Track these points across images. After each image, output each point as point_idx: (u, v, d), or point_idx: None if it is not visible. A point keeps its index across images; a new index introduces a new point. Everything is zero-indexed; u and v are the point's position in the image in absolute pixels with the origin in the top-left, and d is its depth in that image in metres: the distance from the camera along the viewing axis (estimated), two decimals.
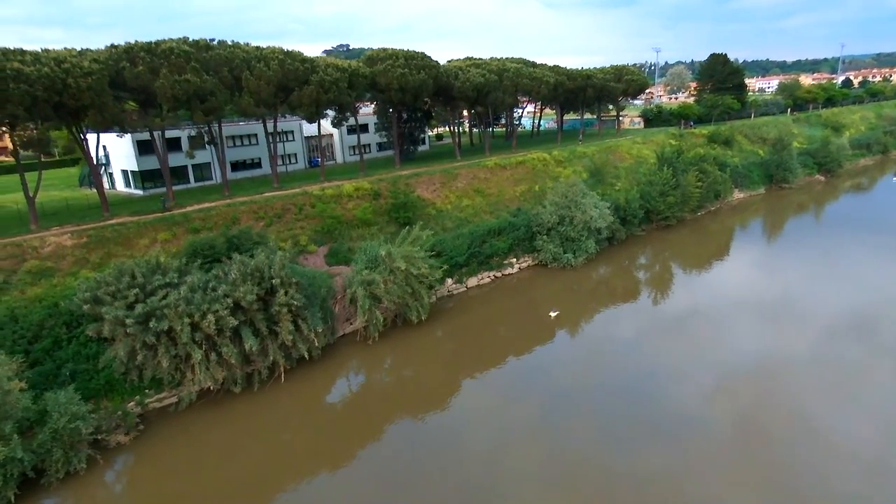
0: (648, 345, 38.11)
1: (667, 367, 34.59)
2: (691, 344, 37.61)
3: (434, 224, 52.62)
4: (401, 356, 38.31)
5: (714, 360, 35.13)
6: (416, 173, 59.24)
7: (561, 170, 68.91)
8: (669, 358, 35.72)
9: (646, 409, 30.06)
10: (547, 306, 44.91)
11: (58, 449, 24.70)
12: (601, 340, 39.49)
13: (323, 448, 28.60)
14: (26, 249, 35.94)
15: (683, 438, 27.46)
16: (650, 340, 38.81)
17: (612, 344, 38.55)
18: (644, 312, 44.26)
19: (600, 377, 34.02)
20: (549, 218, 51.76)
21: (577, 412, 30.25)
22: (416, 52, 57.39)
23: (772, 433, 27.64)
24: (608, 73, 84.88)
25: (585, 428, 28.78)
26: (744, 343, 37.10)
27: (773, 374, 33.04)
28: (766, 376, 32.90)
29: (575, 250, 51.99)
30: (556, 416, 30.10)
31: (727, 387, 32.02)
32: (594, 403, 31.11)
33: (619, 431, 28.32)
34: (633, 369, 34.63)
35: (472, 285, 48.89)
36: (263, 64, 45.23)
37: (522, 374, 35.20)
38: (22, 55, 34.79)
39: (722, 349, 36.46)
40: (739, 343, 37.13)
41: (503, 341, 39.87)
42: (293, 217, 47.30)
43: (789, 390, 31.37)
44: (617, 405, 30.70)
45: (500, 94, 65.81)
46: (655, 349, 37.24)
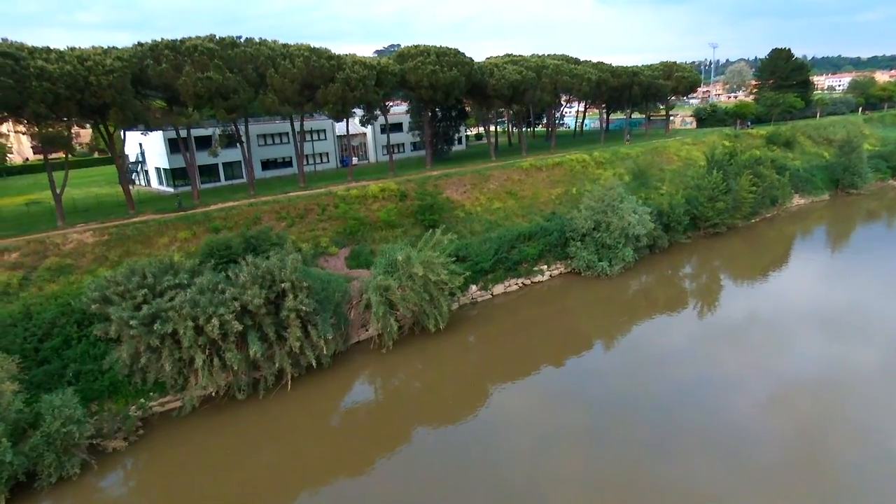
0: (696, 355, 35.58)
1: (717, 378, 32.36)
2: (745, 355, 34.73)
3: (462, 227, 50.54)
4: (417, 366, 36.43)
5: (771, 372, 32.52)
6: (447, 174, 57.26)
7: (601, 172, 65.30)
8: (720, 369, 33.31)
9: (695, 420, 28.15)
10: (581, 316, 42.30)
11: (50, 453, 24.15)
12: (642, 351, 36.69)
13: (330, 460, 27.16)
14: (48, 246, 36.26)
15: (736, 451, 25.47)
16: (698, 351, 36.18)
17: (655, 354, 35.81)
18: (690, 323, 41.14)
19: (644, 387, 31.70)
20: (583, 223, 48.64)
21: (620, 422, 28.44)
22: (449, 49, 55.38)
23: (837, 452, 24.95)
24: (657, 69, 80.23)
25: (629, 439, 26.90)
26: (805, 356, 34.07)
27: (840, 389, 30.02)
28: (831, 391, 30.04)
29: (611, 258, 48.64)
30: (596, 427, 28.27)
31: (786, 400, 29.45)
32: (638, 413, 29.08)
33: (666, 441, 26.51)
34: (680, 380, 32.43)
35: (498, 293, 46.45)
36: (288, 61, 44.38)
37: (555, 385, 33.10)
38: (47, 53, 35.07)
39: (780, 362, 33.65)
40: (800, 356, 34.09)
41: (532, 352, 37.29)
42: (316, 218, 46.26)
43: (858, 407, 28.15)
44: (664, 415, 28.72)
45: (538, 92, 62.93)
46: (704, 360, 34.78)
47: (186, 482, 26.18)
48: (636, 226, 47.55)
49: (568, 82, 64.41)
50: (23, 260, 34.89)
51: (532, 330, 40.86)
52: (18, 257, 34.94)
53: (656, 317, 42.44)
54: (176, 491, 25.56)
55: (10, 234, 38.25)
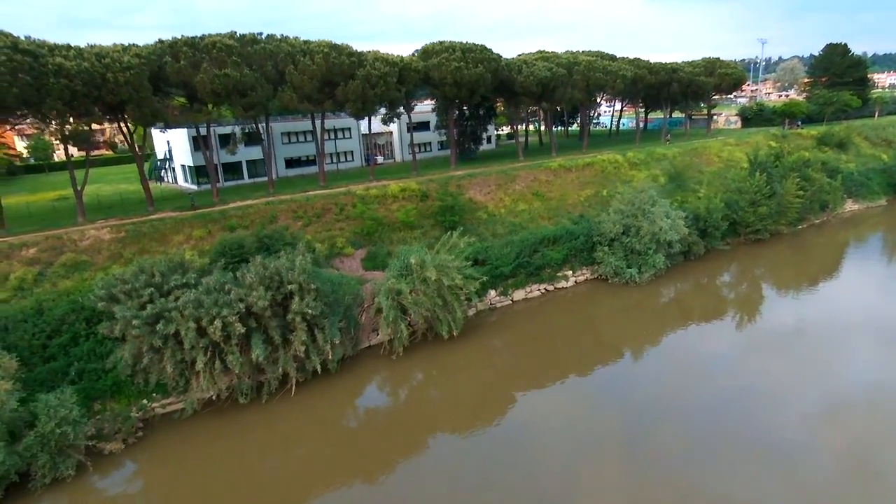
0: (737, 365, 33.54)
1: (762, 388, 30.50)
2: (792, 366, 32.72)
3: (484, 229, 48.78)
4: (429, 374, 35.04)
5: (822, 383, 30.88)
6: (471, 174, 55.59)
7: (635, 173, 62.30)
8: (765, 379, 31.53)
9: (738, 431, 26.63)
10: (608, 324, 40.43)
11: (44, 454, 23.83)
12: (677, 360, 34.62)
13: (333, 468, 26.11)
14: (66, 242, 36.52)
15: (783, 463, 24.16)
16: (739, 361, 34.03)
17: (692, 364, 33.92)
18: (729, 333, 38.63)
19: (681, 397, 30.19)
20: (611, 227, 46.10)
21: (657, 431, 27.04)
22: (475, 45, 53.65)
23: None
24: (698, 66, 76.27)
25: (668, 450, 25.63)
26: (859, 368, 31.77)
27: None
28: (889, 404, 27.89)
29: (640, 265, 45.94)
30: (630, 437, 26.86)
31: (839, 412, 27.76)
32: (677, 424, 27.65)
33: (708, 453, 25.31)
34: (720, 389, 30.87)
35: (518, 298, 44.49)
36: (308, 58, 43.63)
37: (582, 394, 31.46)
38: (67, 50, 35.25)
39: (832, 373, 31.77)
40: (853, 368, 31.85)
41: (556, 360, 35.45)
42: (333, 217, 45.39)
43: None
44: (704, 426, 27.32)
45: (569, 89, 60.46)
46: (746, 370, 32.79)
47: (183, 486, 25.53)
48: (668, 231, 44.71)
49: (601, 79, 61.65)
50: (40, 255, 35.20)
51: (556, 337, 38.90)
52: (36, 253, 35.28)
53: (691, 326, 40.00)
54: (172, 495, 24.95)
55: (32, 229, 38.85)
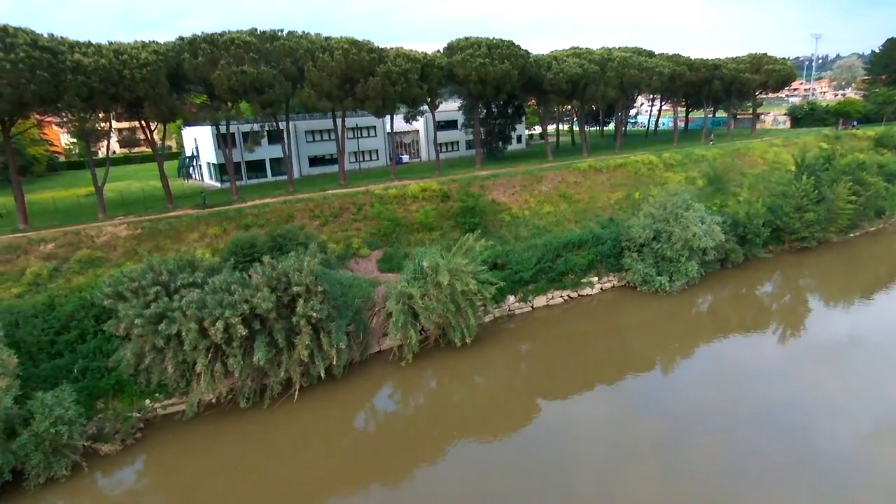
0: (779, 379, 31.62)
1: (809, 402, 29.15)
2: (843, 380, 31.00)
3: (506, 232, 46.99)
4: (441, 381, 33.65)
5: (879, 398, 28.90)
6: (495, 174, 53.81)
7: (670, 175, 59.19)
8: (811, 394, 30.20)
9: (783, 445, 25.33)
10: (636, 334, 38.27)
11: (38, 453, 23.53)
12: (713, 373, 32.74)
13: (334, 478, 25.14)
14: (83, 238, 36.75)
15: (834, 479, 23.06)
16: (782, 375, 32.08)
17: (729, 376, 32.01)
18: (771, 345, 36.18)
19: (719, 409, 28.63)
20: (640, 232, 43.48)
21: (694, 444, 25.88)
22: (502, 41, 51.82)
23: None
24: (743, 62, 72.03)
25: (707, 466, 24.29)
26: None
27: None
28: None
29: (671, 273, 43.16)
30: (663, 452, 25.49)
31: None
32: (714, 438, 26.20)
33: (751, 468, 23.90)
34: (762, 402, 28.97)
35: (539, 305, 42.46)
36: (327, 54, 42.80)
37: (608, 405, 29.74)
38: (86, 47, 35.40)
39: (890, 388, 29.59)
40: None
41: (579, 370, 33.52)
42: (350, 217, 44.48)
43: None
44: (745, 439, 25.89)
45: (601, 86, 57.88)
46: (790, 384, 31.15)
47: (178, 490, 24.94)
48: (702, 237, 41.78)
49: (636, 76, 58.74)
50: (57, 251, 35.50)
51: (580, 346, 36.86)
52: (53, 248, 35.60)
53: (729, 337, 37.28)
54: (166, 499, 24.37)
55: (53, 224, 39.35)
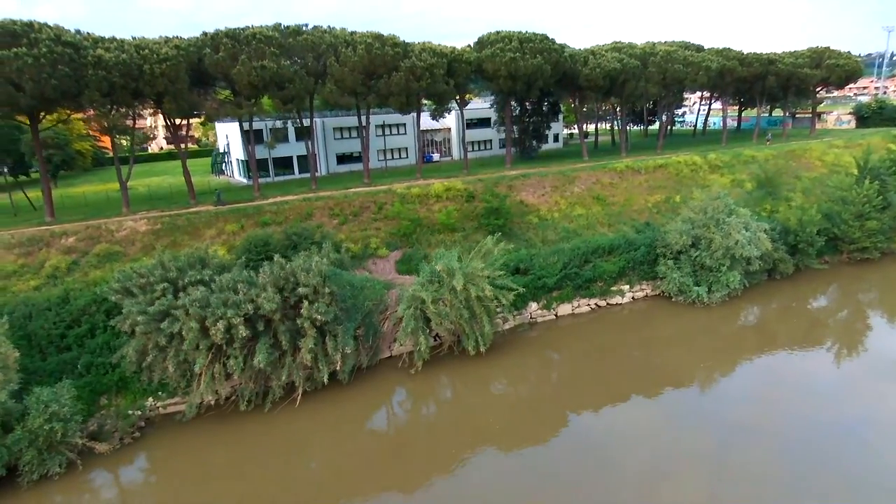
0: (835, 400, 29.19)
1: (871, 426, 26.36)
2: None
3: (533, 235, 44.76)
4: (454, 392, 32.22)
5: None
6: (525, 174, 51.55)
7: (716, 177, 55.24)
8: (875, 417, 27.02)
9: (842, 467, 23.53)
10: (670, 348, 35.42)
11: (32, 450, 23.30)
12: (754, 392, 30.33)
13: (329, 490, 23.99)
14: (103, 232, 37.03)
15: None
16: (838, 396, 29.54)
17: (773, 396, 29.52)
18: (825, 366, 32.96)
19: (762, 429, 26.38)
20: (676, 238, 40.35)
21: (735, 465, 24.30)
22: (535, 34, 49.47)
23: None
24: (802, 56, 66.71)
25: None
26: None
27: None
28: None
29: (711, 283, 39.83)
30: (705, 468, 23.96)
31: None
32: (762, 459, 24.40)
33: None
34: (815, 419, 27.08)
35: (563, 313, 40.05)
36: (350, 49, 41.75)
37: (641, 421, 27.76)
38: (109, 42, 35.58)
39: None
40: None
41: (606, 383, 31.29)
42: (370, 216, 43.32)
43: None
44: (795, 462, 24.05)
45: (641, 82, 54.62)
46: (847, 406, 28.30)
47: (171, 492, 24.42)
48: (746, 245, 38.31)
49: (680, 72, 55.09)
50: (77, 244, 35.86)
51: (608, 358, 34.47)
52: (74, 242, 35.98)
53: (776, 354, 34.24)
54: (157, 501, 23.87)
55: (78, 218, 39.94)
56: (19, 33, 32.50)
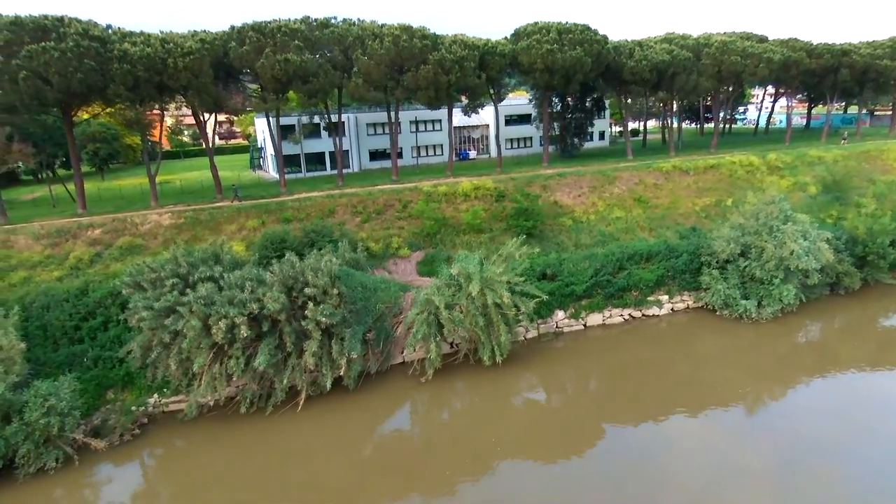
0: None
1: None
2: None
3: (565, 238, 42.13)
4: (469, 403, 30.21)
5: None
6: (561, 173, 48.80)
7: (776, 179, 50.51)
8: None
9: None
10: (713, 366, 32.15)
11: (28, 443, 23.22)
12: (813, 418, 26.80)
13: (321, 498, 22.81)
14: (128, 225, 37.39)
15: None
16: None
17: (837, 423, 26.07)
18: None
19: (828, 451, 23.99)
20: (723, 246, 36.68)
21: None
22: (576, 25, 46.56)
23: None
24: (881, 46, 60.14)
25: None
26: None
27: None
28: None
29: (761, 296, 35.97)
30: None
31: None
32: None
33: None
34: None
35: (593, 323, 37.24)
36: (377, 41, 40.43)
37: (680, 444, 25.19)
38: (137, 37, 35.75)
39: None
40: None
41: (640, 402, 28.60)
42: (394, 215, 41.96)
43: None
44: None
45: (693, 75, 50.55)
46: None
47: (166, 493, 23.92)
48: (803, 256, 34.25)
49: (737, 64, 50.56)
50: (102, 237, 36.34)
51: (644, 372, 31.69)
52: (100, 234, 36.48)
53: (839, 377, 30.59)
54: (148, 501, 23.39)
55: (109, 211, 40.65)
56: (49, 28, 33.05)
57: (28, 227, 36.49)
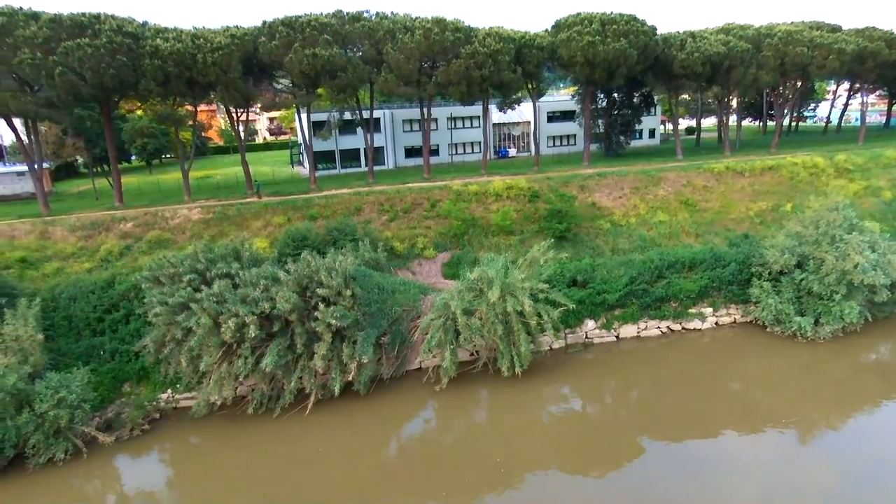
0: None
1: None
2: None
3: (601, 242, 39.68)
4: (487, 415, 28.67)
5: None
6: (601, 173, 46.10)
7: (843, 183, 45.87)
8: None
9: None
10: (763, 387, 29.26)
11: (38, 433, 23.50)
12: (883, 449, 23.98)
13: None
14: (158, 219, 37.94)
15: None
16: None
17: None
18: None
19: None
20: (777, 256, 33.23)
21: None
22: (620, 15, 43.70)
23: None
24: None
25: None
26: None
27: None
28: None
29: (819, 313, 32.35)
30: None
31: None
32: None
33: None
34: None
35: (626, 335, 34.68)
36: (409, 35, 39.22)
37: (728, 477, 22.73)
38: (169, 33, 36.06)
39: None
40: None
41: (682, 419, 26.41)
42: (421, 214, 40.73)
43: None
44: None
45: (752, 69, 46.54)
46: None
47: (172, 489, 23.96)
48: (869, 270, 30.45)
49: (803, 55, 46.10)
50: (133, 230, 37.00)
51: (686, 388, 29.31)
52: (131, 227, 37.17)
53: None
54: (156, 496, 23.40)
55: (143, 204, 41.48)
56: (86, 25, 33.74)
57: (66, 219, 37.65)
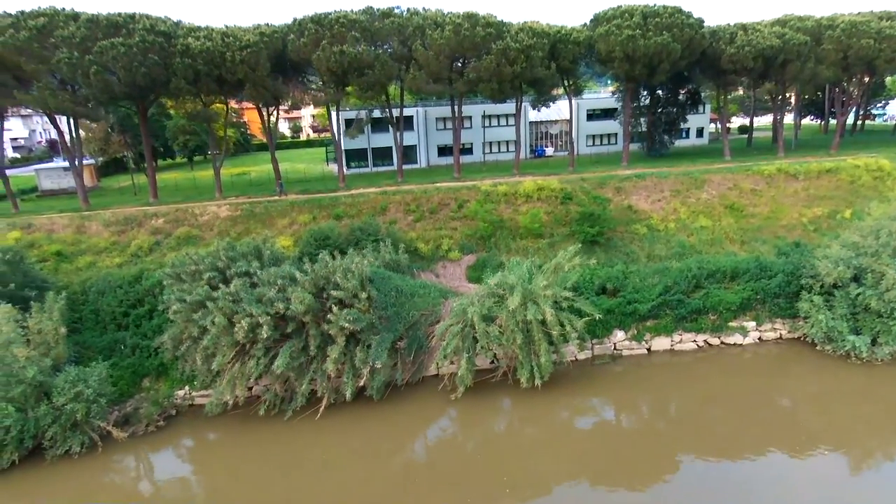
0: None
1: None
2: None
3: (636, 248, 37.69)
4: (506, 426, 27.45)
5: None
6: (640, 174, 43.79)
7: None
8: None
9: None
10: (813, 410, 27.05)
11: (56, 426, 23.94)
12: None
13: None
14: (188, 216, 38.49)
15: None
16: None
17: None
18: None
19: None
20: (830, 269, 30.37)
21: None
22: (664, 7, 41.24)
23: None
24: None
25: None
26: None
27: None
28: None
29: (877, 332, 29.38)
30: None
31: None
32: None
33: None
34: None
35: (658, 348, 32.58)
36: (438, 31, 38.23)
37: None
38: (200, 31, 36.42)
39: None
40: None
41: (721, 438, 24.63)
42: (448, 215, 39.75)
43: None
44: None
45: (810, 63, 43.08)
46: None
47: (183, 486, 23.98)
48: None
49: (868, 48, 42.27)
50: (164, 226, 37.66)
51: (719, 407, 27.21)
52: (162, 223, 37.85)
53: None
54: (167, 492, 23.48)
55: (175, 200, 42.24)
56: (121, 24, 34.45)
57: (102, 213, 38.74)
